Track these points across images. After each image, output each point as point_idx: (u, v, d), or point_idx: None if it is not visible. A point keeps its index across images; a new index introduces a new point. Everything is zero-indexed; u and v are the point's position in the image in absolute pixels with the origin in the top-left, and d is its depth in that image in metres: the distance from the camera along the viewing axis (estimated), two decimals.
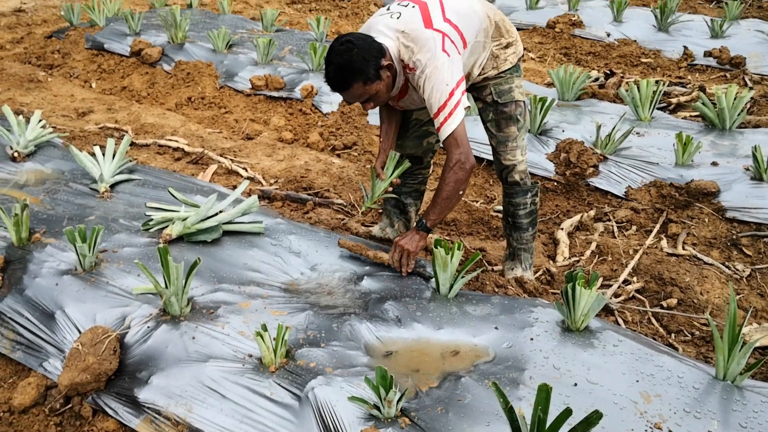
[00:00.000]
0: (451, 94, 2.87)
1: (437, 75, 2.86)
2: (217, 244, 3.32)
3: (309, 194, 4.46)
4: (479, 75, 3.23)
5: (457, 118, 2.88)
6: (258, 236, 3.44)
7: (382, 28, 2.97)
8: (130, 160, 4.26)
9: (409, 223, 3.83)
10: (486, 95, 3.26)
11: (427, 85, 2.88)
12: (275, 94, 5.93)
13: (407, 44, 2.92)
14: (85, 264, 2.99)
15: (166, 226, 3.35)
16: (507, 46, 3.23)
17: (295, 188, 4.56)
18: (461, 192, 3.01)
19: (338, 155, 5.17)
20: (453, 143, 2.91)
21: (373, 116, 5.49)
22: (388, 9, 3.07)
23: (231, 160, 4.92)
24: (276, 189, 4.48)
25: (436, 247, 2.92)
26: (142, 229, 3.40)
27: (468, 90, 3.33)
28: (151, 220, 3.40)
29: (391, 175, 3.28)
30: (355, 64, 2.80)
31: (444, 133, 2.91)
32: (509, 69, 3.24)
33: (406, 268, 3.14)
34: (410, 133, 3.48)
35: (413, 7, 2.99)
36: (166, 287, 2.69)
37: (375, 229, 3.88)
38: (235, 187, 4.39)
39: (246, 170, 4.77)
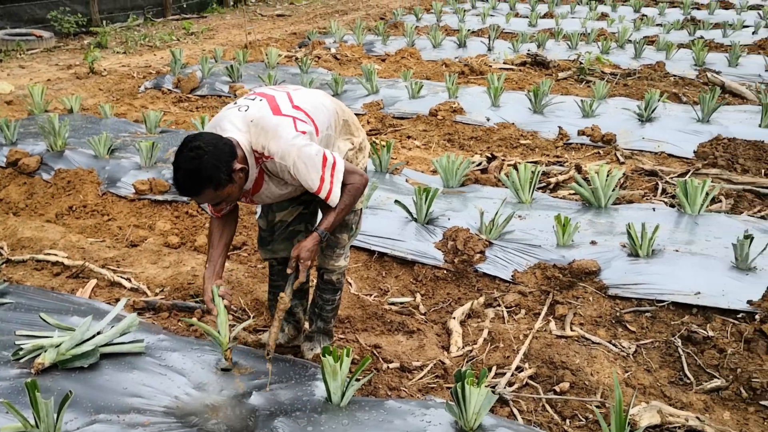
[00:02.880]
0: (324, 162, 2.93)
1: (305, 154, 2.90)
2: (94, 369, 3.14)
3: (197, 302, 4.33)
4: None
5: (338, 183, 2.98)
6: (139, 356, 3.29)
7: (233, 120, 2.99)
8: (4, 281, 4.04)
9: (299, 324, 3.79)
10: None
11: (300, 166, 2.91)
12: (160, 197, 5.81)
13: (258, 133, 2.95)
14: None
15: (39, 354, 3.16)
16: (360, 150, 3.36)
17: (182, 296, 4.42)
18: (361, 198, 3.21)
19: (227, 257, 5.06)
20: (345, 192, 3.04)
21: None
22: (236, 104, 3.11)
23: (114, 270, 4.74)
24: (162, 299, 4.34)
25: (324, 356, 2.87)
26: (12, 359, 3.19)
27: None
28: (21, 348, 3.20)
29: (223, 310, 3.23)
30: (205, 171, 2.77)
31: (333, 202, 3.00)
32: None
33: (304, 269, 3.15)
34: (278, 236, 3.49)
35: (260, 100, 3.06)
36: (36, 425, 2.52)
37: (265, 337, 3.79)
38: (118, 300, 4.22)
39: (130, 281, 4.60)
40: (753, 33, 13.40)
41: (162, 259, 4.98)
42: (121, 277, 4.64)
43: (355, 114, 8.39)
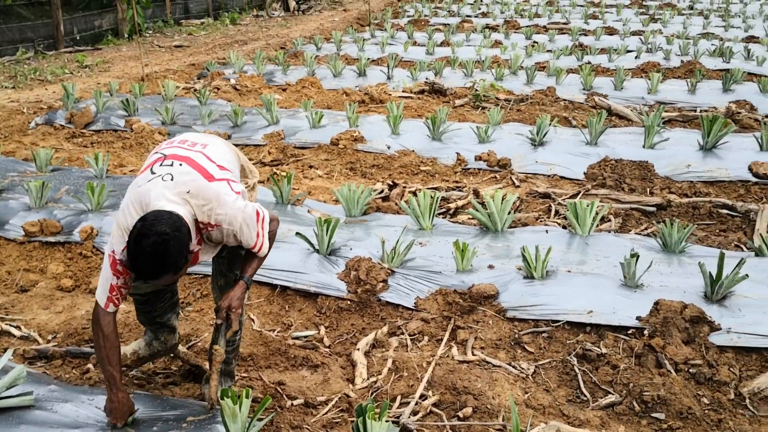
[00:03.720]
0: (257, 218, 3.00)
1: (248, 215, 2.94)
2: None
3: (92, 347, 4.17)
4: None
5: (266, 234, 3.08)
6: (28, 409, 3.15)
7: (164, 194, 2.83)
8: None
9: (175, 329, 3.68)
10: None
11: (245, 228, 2.95)
12: (52, 239, 5.59)
13: (201, 204, 2.87)
14: None
15: None
16: (253, 188, 3.44)
17: (76, 342, 4.26)
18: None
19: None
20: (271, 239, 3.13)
21: None
22: (153, 173, 2.95)
23: (2, 318, 4.52)
24: (54, 346, 4.16)
25: (222, 399, 2.82)
26: None
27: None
28: None
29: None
30: (170, 258, 2.70)
31: (263, 253, 3.12)
32: None
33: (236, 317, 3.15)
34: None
35: (180, 165, 2.94)
36: None
37: (141, 350, 3.59)
38: (5, 351, 4.02)
39: (20, 328, 4.40)
40: (636, 57, 14.11)
41: (54, 304, 4.79)
42: (10, 325, 4.44)
43: (256, 145, 8.44)
